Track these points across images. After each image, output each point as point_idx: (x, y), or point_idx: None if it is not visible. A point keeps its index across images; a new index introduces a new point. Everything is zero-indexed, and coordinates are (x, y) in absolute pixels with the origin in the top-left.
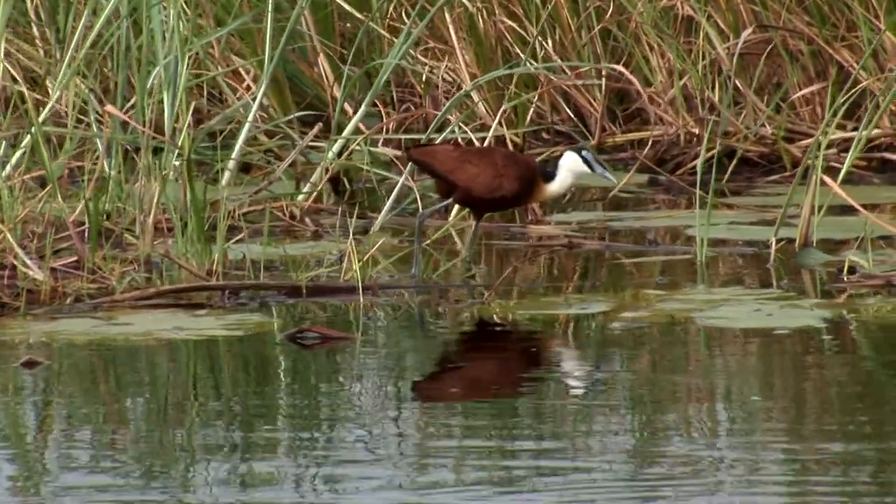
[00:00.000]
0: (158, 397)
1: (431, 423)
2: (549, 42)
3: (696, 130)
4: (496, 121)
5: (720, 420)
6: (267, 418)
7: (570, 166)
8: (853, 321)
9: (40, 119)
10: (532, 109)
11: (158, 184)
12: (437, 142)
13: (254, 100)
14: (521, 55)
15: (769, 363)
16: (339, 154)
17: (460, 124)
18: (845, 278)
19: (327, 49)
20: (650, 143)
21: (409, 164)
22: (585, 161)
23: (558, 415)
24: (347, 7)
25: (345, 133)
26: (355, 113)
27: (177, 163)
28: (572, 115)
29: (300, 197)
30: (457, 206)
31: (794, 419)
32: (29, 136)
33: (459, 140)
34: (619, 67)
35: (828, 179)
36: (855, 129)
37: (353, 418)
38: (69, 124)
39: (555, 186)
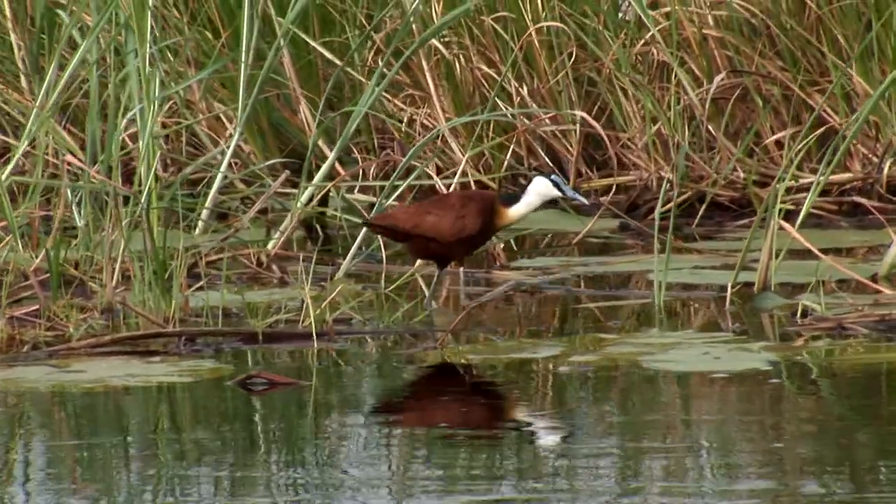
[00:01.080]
0: (84, 440)
1: (359, 461)
2: (525, 88)
3: (669, 176)
4: (462, 163)
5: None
6: (190, 459)
7: (538, 190)
8: (798, 364)
9: (8, 168)
10: (509, 155)
11: (123, 232)
12: (389, 201)
13: (229, 147)
14: (498, 101)
15: (697, 406)
16: (316, 201)
17: (426, 170)
18: (798, 321)
19: (309, 96)
20: (618, 188)
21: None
22: (555, 184)
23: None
24: (328, 54)
25: (315, 180)
26: (337, 159)
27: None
28: (548, 161)
29: (270, 244)
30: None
31: (698, 459)
32: None
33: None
34: (582, 114)
35: (785, 224)
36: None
37: (270, 458)
38: (36, 173)
39: (520, 208)
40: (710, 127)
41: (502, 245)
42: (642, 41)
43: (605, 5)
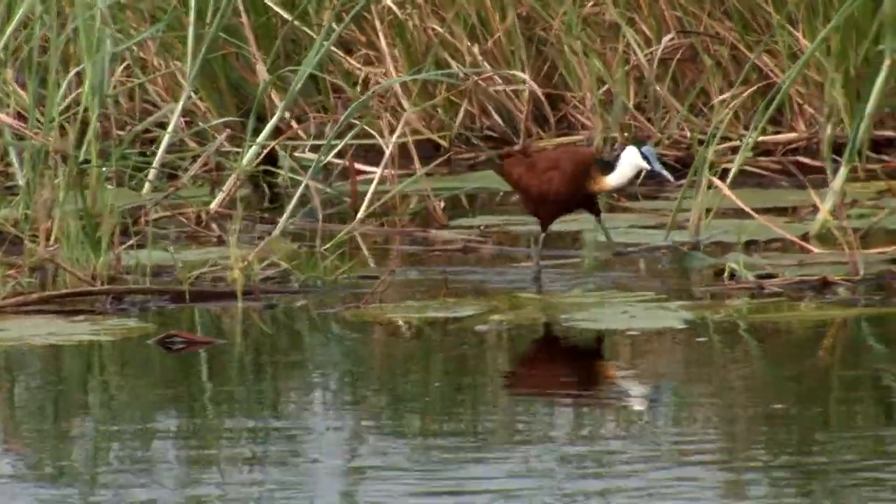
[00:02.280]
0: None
1: (250, 413)
2: (477, 47)
3: (616, 135)
4: (402, 121)
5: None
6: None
7: (629, 161)
8: (713, 322)
9: None
10: (461, 114)
11: (58, 190)
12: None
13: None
14: (451, 61)
15: (604, 362)
16: (260, 159)
17: (366, 127)
18: (725, 281)
19: (267, 56)
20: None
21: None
22: (644, 156)
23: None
24: (283, 13)
25: (260, 138)
26: (296, 118)
27: (105, 169)
28: (501, 121)
29: (215, 203)
30: None
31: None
32: None
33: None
34: (523, 75)
35: (717, 182)
36: (777, 132)
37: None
38: None
39: (614, 179)
40: (657, 87)
41: (442, 204)
42: (592, 2)
43: None
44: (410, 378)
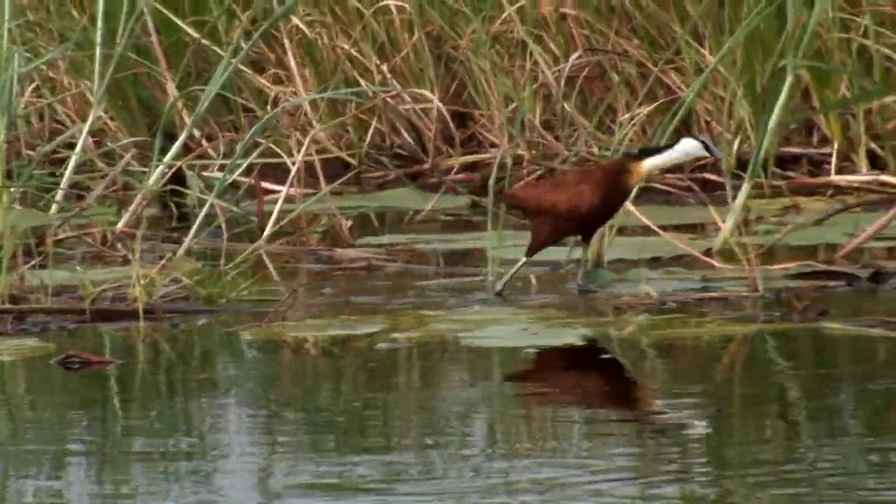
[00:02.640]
0: None
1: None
2: (386, 65)
3: (524, 153)
4: (308, 139)
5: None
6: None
7: (685, 149)
8: (612, 339)
9: None
10: (371, 132)
11: None
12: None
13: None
14: (360, 79)
15: (499, 379)
16: (166, 179)
17: (272, 145)
18: (621, 298)
19: (177, 73)
20: (476, 166)
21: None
22: (705, 145)
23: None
24: (192, 32)
25: (167, 158)
26: (206, 137)
27: (13, 190)
28: (410, 139)
29: (121, 223)
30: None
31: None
32: None
33: None
34: (426, 92)
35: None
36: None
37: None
38: None
39: (655, 161)
40: (565, 104)
41: (349, 223)
42: (500, 20)
43: None
44: (315, 396)
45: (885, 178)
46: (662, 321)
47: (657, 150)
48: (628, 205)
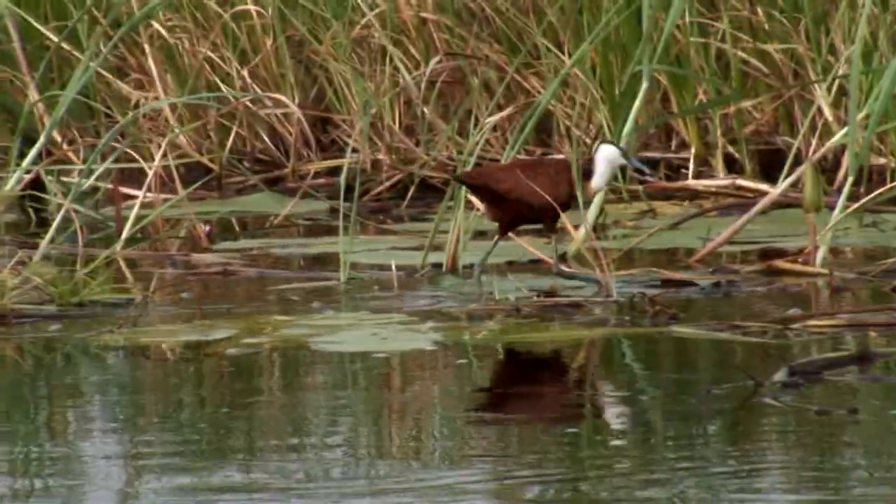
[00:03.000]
0: None
1: None
2: (246, 70)
3: (384, 158)
4: (164, 143)
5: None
6: None
7: (606, 157)
8: (463, 343)
9: None
10: (232, 136)
11: None
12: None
13: None
14: (221, 84)
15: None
16: (23, 184)
17: (127, 150)
18: (478, 302)
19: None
20: (337, 170)
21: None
22: (622, 152)
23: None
24: (52, 36)
25: (25, 163)
26: (68, 142)
27: None
28: (271, 144)
29: None
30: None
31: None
32: None
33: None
34: (282, 97)
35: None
36: (545, 154)
37: None
38: None
39: (598, 182)
40: (425, 109)
41: (207, 228)
42: (360, 25)
43: None
44: (163, 402)
45: (741, 182)
46: (513, 325)
47: (590, 171)
48: (480, 206)
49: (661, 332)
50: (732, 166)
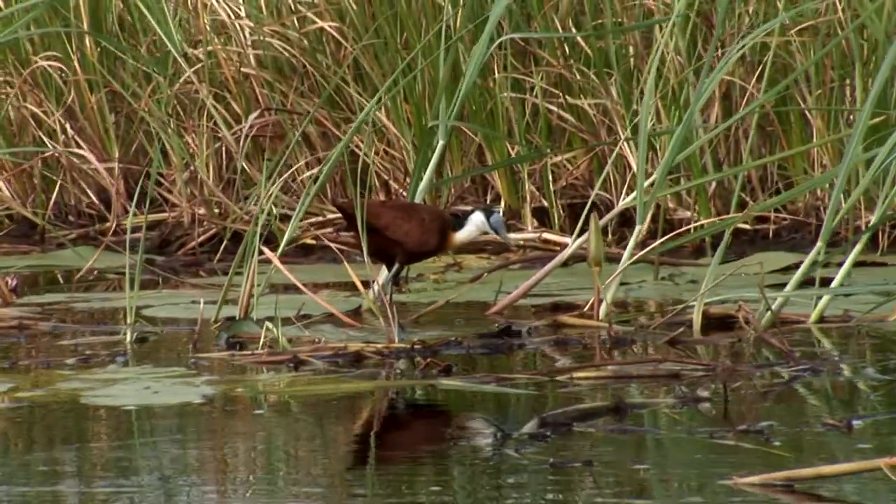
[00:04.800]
0: None
1: None
2: (70, 127)
3: (201, 212)
4: None
5: None
6: None
7: (475, 222)
8: (230, 397)
9: None
10: (56, 190)
11: None
12: None
13: None
14: (46, 139)
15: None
16: None
17: None
18: (256, 353)
19: None
20: (157, 224)
21: None
22: (492, 225)
23: None
24: None
25: None
26: None
27: None
28: (95, 198)
29: None
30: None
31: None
32: None
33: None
34: (89, 155)
35: (268, 253)
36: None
37: None
38: None
39: (462, 236)
40: (244, 164)
41: (14, 283)
42: (181, 80)
43: (145, 47)
44: None
45: (547, 235)
46: (285, 379)
47: (460, 224)
48: (275, 261)
49: (430, 384)
50: (544, 220)
